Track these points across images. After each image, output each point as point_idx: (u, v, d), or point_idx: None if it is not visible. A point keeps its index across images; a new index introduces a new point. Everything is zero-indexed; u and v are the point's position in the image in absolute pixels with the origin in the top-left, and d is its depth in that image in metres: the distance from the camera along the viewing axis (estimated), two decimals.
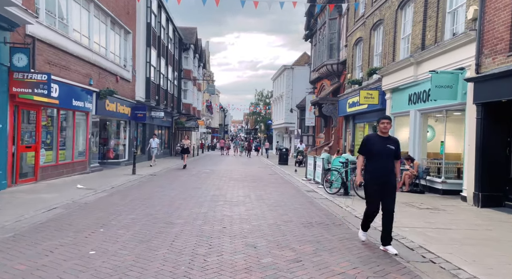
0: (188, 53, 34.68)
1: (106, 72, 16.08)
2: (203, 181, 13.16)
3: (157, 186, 11.63)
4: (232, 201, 8.82)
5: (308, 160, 14.42)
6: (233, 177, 14.89)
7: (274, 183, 13.41)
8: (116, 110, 17.30)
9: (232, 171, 18.28)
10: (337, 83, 28.52)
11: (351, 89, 20.13)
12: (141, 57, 20.93)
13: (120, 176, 14.21)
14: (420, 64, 12.29)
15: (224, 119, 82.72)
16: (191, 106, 35.97)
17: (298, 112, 38.26)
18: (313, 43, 35.60)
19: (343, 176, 10.36)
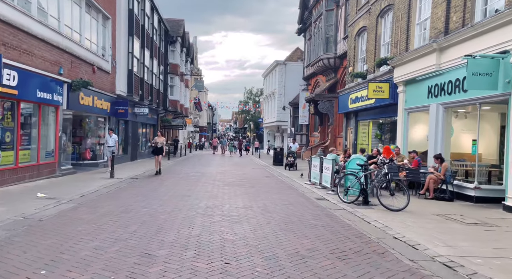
0: (175, 46, 32.58)
1: (80, 61, 14.00)
2: (193, 187, 11.26)
3: (137, 193, 9.69)
4: (231, 215, 6.97)
5: (313, 162, 12.68)
6: (228, 181, 13.03)
7: (275, 188, 11.60)
8: (92, 104, 15.22)
9: (225, 173, 16.41)
10: (333, 78, 26.92)
11: (354, 83, 18.49)
12: (123, 46, 18.84)
13: (95, 180, 12.19)
14: (445, 50, 10.66)
15: (213, 117, 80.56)
16: (178, 103, 33.88)
17: (291, 110, 36.60)
18: (306, 37, 33.96)
19: (362, 182, 8.62)
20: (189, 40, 39.44)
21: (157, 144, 14.94)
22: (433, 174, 10.07)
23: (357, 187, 8.90)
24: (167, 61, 30.85)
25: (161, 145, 14.98)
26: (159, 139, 15.16)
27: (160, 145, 14.95)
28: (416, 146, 12.70)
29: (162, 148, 15.07)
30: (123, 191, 10.06)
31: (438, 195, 9.85)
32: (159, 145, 14.93)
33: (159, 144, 14.94)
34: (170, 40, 31.11)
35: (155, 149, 15.00)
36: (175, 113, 34.44)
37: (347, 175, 9.26)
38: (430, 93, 11.54)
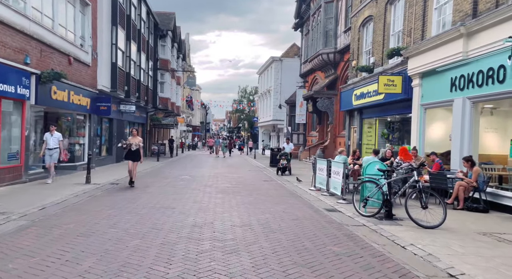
0: (165, 41, 30.81)
1: (53, 50, 12.26)
2: (180, 195, 9.61)
3: (111, 204, 8.02)
4: (225, 239, 5.33)
5: (318, 165, 11.10)
6: (221, 187, 11.40)
7: (276, 195, 10.00)
8: (68, 100, 13.48)
9: (218, 176, 14.77)
10: (333, 75, 25.42)
11: (359, 78, 16.97)
12: (105, 37, 17.10)
13: (67, 186, 10.49)
14: (474, 35, 9.16)
15: (206, 116, 78.75)
16: (169, 101, 32.13)
17: (288, 108, 35.05)
18: (303, 32, 32.44)
19: (385, 191, 7.06)
20: (181, 35, 37.65)
21: (130, 146, 11.23)
22: (462, 180, 8.57)
23: (378, 197, 7.34)
24: (156, 56, 29.10)
25: (136, 148, 11.22)
26: (134, 139, 11.41)
27: (135, 147, 11.20)
28: (434, 147, 11.22)
29: (139, 151, 11.26)
30: (95, 202, 8.38)
31: (470, 205, 8.34)
32: (133, 147, 11.19)
33: (134, 146, 11.20)
34: (160, 34, 29.34)
35: (128, 153, 11.31)
36: (165, 112, 32.69)
37: (365, 182, 7.68)
38: (454, 86, 10.03)
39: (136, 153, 11.26)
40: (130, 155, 11.27)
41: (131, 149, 11.26)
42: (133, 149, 11.24)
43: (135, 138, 11.51)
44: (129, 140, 11.45)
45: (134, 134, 11.74)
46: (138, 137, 11.76)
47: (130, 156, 11.27)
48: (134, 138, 11.55)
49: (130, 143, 11.32)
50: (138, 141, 11.43)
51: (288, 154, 16.58)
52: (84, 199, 8.70)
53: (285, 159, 16.04)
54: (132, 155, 11.25)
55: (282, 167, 16.01)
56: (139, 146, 11.33)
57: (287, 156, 16.32)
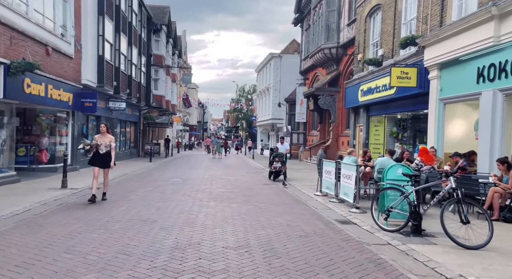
0: (160, 36, 29.45)
1: (26, 37, 10.89)
2: (166, 203, 8.27)
3: (80, 216, 6.69)
4: (213, 270, 3.96)
5: (325, 167, 9.78)
6: (215, 192, 10.07)
7: (278, 203, 8.67)
8: (46, 94, 12.11)
9: (213, 179, 13.44)
10: (335, 71, 24.15)
11: (366, 72, 15.67)
12: (91, 27, 15.74)
13: (38, 192, 9.15)
14: (508, 17, 7.88)
15: (203, 116, 77.42)
16: (163, 99, 30.76)
17: (287, 107, 33.76)
18: (304, 28, 31.17)
19: (412, 201, 5.76)
20: (176, 31, 36.26)
21: (98, 147, 8.29)
22: (497, 185, 7.28)
23: (403, 207, 6.04)
24: (150, 51, 27.73)
25: (107, 150, 8.35)
26: (103, 138, 8.42)
27: (104, 149, 8.32)
28: (454, 147, 9.94)
29: (109, 155, 8.36)
30: (63, 212, 7.03)
31: (507, 215, 7.05)
32: (102, 149, 8.30)
33: (103, 148, 8.31)
34: (154, 28, 27.97)
35: (95, 157, 8.33)
36: (160, 110, 31.33)
37: (386, 190, 6.36)
38: (481, 77, 8.74)
39: (106, 157, 8.31)
40: (98, 160, 8.29)
41: (98, 151, 8.28)
42: (102, 152, 8.28)
43: (105, 137, 8.45)
44: (96, 139, 8.39)
45: (103, 131, 8.50)
46: (109, 135, 8.58)
47: (98, 160, 8.29)
48: (103, 136, 8.45)
49: (97, 144, 8.27)
50: (108, 140, 8.40)
51: (284, 155, 14.05)
52: (51, 209, 7.35)
53: (279, 162, 13.54)
54: (100, 159, 8.28)
55: (276, 171, 13.47)
56: (110, 148, 8.38)
57: (282, 157, 13.81)
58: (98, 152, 8.37)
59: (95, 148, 8.36)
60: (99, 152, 8.36)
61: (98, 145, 8.37)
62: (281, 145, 15.16)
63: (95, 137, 8.64)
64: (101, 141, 8.43)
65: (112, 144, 8.53)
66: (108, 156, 8.40)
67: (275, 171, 13.53)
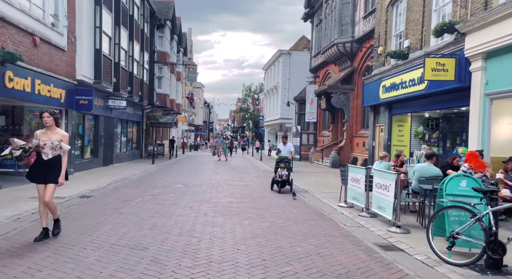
0: (164, 32, 28.14)
1: (7, 24, 9.55)
2: (163, 219, 6.86)
3: (51, 241, 5.31)
4: None
5: (351, 173, 8.31)
6: (222, 203, 8.64)
7: (299, 219, 7.19)
8: (32, 90, 10.79)
9: (220, 185, 12.02)
10: (349, 67, 22.64)
11: (389, 66, 14.15)
12: (86, 18, 14.42)
13: (16, 202, 7.82)
14: None
15: (209, 116, 76.16)
16: (167, 98, 29.45)
17: (296, 106, 32.28)
18: (314, 23, 29.68)
19: (486, 226, 4.28)
20: (181, 27, 34.94)
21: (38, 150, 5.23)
22: None
23: (470, 233, 4.56)
24: (153, 48, 26.44)
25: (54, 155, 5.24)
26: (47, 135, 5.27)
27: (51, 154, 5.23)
28: (503, 150, 8.44)
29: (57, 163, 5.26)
30: (30, 234, 5.61)
31: None
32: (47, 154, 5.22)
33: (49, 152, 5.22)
34: (157, 23, 26.68)
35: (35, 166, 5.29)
36: (164, 109, 30.03)
37: (447, 209, 4.88)
38: None
39: (53, 167, 5.18)
40: (39, 171, 5.19)
41: (41, 157, 5.19)
42: (47, 157, 5.18)
43: (51, 133, 5.26)
44: (37, 137, 5.25)
45: (48, 123, 5.22)
46: (60, 130, 5.43)
47: (39, 172, 5.19)
48: (49, 132, 5.26)
49: (37, 145, 5.16)
50: (56, 139, 5.22)
51: (290, 160, 11.41)
52: (21, 227, 5.98)
53: (284, 168, 10.96)
54: (42, 170, 5.17)
55: (281, 180, 10.76)
56: (60, 151, 5.25)
57: (288, 163, 11.19)
58: (40, 158, 5.20)
59: (32, 151, 5.16)
60: (42, 158, 5.18)
61: (38, 147, 5.15)
62: (284, 146, 11.94)
63: (36, 133, 5.38)
64: (44, 139, 5.18)
65: (65, 146, 5.26)
66: (55, 165, 5.18)
67: (281, 181, 10.79)
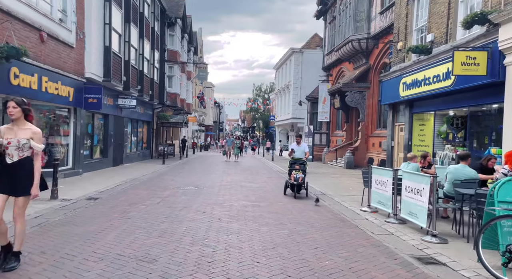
0: (174, 30, 27.78)
1: (12, 18, 9.17)
2: (174, 225, 6.34)
3: (49, 250, 4.83)
4: None
5: (375, 176, 7.69)
6: (236, 207, 8.08)
7: (322, 226, 6.59)
8: (39, 88, 10.41)
9: (232, 187, 11.48)
10: (364, 65, 21.92)
11: (410, 62, 13.43)
12: (95, 14, 14.04)
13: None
14: None
15: (219, 116, 75.86)
16: (178, 97, 29.09)
17: (309, 105, 31.60)
18: (327, 20, 28.99)
19: None
20: (191, 26, 34.59)
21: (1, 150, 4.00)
22: None
23: None
24: (164, 46, 26.06)
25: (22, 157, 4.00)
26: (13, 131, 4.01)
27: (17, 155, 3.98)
28: None
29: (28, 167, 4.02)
30: (28, 242, 5.17)
31: None
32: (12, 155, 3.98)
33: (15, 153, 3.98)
34: (168, 21, 26.31)
35: None
36: (175, 109, 29.66)
37: (501, 218, 4.23)
38: None
39: (21, 173, 4.01)
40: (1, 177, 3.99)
41: (5, 159, 4.00)
42: (12, 160, 4.00)
43: (19, 129, 4.03)
44: (1, 134, 4.02)
45: (13, 115, 4.01)
46: (31, 126, 4.14)
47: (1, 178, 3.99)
48: (16, 127, 4.04)
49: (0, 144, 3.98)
50: (25, 136, 3.99)
51: (304, 162, 10.35)
52: None
53: (299, 170, 9.99)
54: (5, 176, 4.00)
55: (297, 184, 9.66)
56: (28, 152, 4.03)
57: (303, 165, 10.21)
58: (3, 161, 4.00)
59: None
60: (6, 160, 3.99)
61: (1, 147, 3.99)
62: (298, 147, 10.66)
63: (1, 129, 4.09)
64: (9, 137, 3.98)
65: (36, 145, 4.02)
66: (24, 171, 4.00)
67: (296, 184, 9.67)
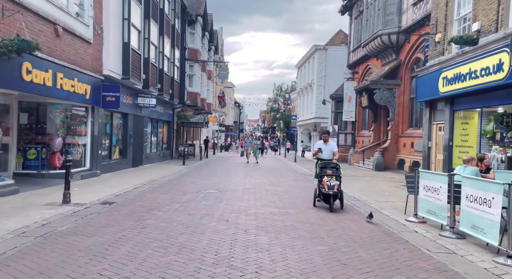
0: (195, 28, 27.22)
1: (24, 10, 8.63)
2: (194, 237, 5.52)
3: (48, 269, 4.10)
4: None
5: (424, 181, 6.64)
6: (263, 215, 7.20)
7: (364, 239, 5.64)
8: (54, 85, 9.85)
9: (256, 191, 10.61)
10: (394, 61, 20.66)
11: (452, 55, 12.19)
12: (114, 9, 13.49)
13: (28, 209, 6.78)
14: None
15: (239, 116, 75.29)
16: (198, 96, 28.51)
17: (333, 104, 30.42)
18: (353, 16, 27.79)
19: None
20: (212, 24, 34.01)
21: None
22: None
23: None
24: (184, 44, 25.52)
25: None
26: None
27: None
28: None
29: None
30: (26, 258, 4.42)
31: None
32: None
33: None
34: (188, 19, 25.77)
35: None
36: (195, 109, 29.12)
37: None
38: None
39: None
40: None
41: None
42: None
43: None
44: None
45: None
46: None
47: None
48: None
49: None
50: None
51: (337, 164, 8.47)
52: (23, 245, 4.83)
53: (332, 176, 8.05)
54: None
55: (333, 193, 7.67)
56: None
57: (337, 169, 8.30)
58: None
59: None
60: None
61: None
62: (325, 145, 8.78)
63: None
64: None
65: None
66: None
67: (332, 194, 7.64)
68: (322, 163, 8.52)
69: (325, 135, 9.18)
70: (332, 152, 8.84)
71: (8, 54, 7.71)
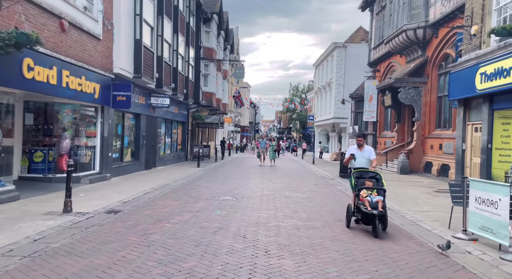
0: (210, 27, 26.52)
1: (26, 1, 7.99)
2: (205, 260, 4.64)
3: None
4: None
5: (476, 192, 5.61)
6: (286, 229, 6.28)
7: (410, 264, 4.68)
8: (59, 83, 9.19)
9: (276, 198, 9.69)
10: (420, 57, 19.41)
11: (493, 48, 11.02)
12: (124, 3, 12.81)
13: (24, 220, 6.08)
14: None
15: (255, 116, 74.48)
16: (213, 96, 27.79)
17: (352, 104, 29.26)
18: (374, 12, 26.54)
19: None
20: (228, 22, 33.27)
21: None
22: None
23: None
24: (199, 43, 24.84)
25: None
26: None
27: None
28: None
29: None
30: None
31: None
32: None
33: None
34: (204, 16, 25.07)
35: None
36: (210, 109, 28.42)
37: None
38: None
39: None
40: None
41: None
42: None
43: None
44: None
45: None
46: None
47: None
48: None
49: None
50: None
51: (378, 174, 6.78)
52: (6, 269, 4.08)
53: (373, 189, 6.42)
54: None
55: (378, 213, 5.94)
56: None
57: (376, 180, 6.68)
58: None
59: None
60: None
61: None
62: (360, 152, 7.10)
63: None
64: None
65: None
66: None
67: (377, 214, 5.92)
68: (358, 172, 6.76)
69: (359, 139, 7.35)
70: (369, 160, 7.08)
71: (6, 48, 7.03)
